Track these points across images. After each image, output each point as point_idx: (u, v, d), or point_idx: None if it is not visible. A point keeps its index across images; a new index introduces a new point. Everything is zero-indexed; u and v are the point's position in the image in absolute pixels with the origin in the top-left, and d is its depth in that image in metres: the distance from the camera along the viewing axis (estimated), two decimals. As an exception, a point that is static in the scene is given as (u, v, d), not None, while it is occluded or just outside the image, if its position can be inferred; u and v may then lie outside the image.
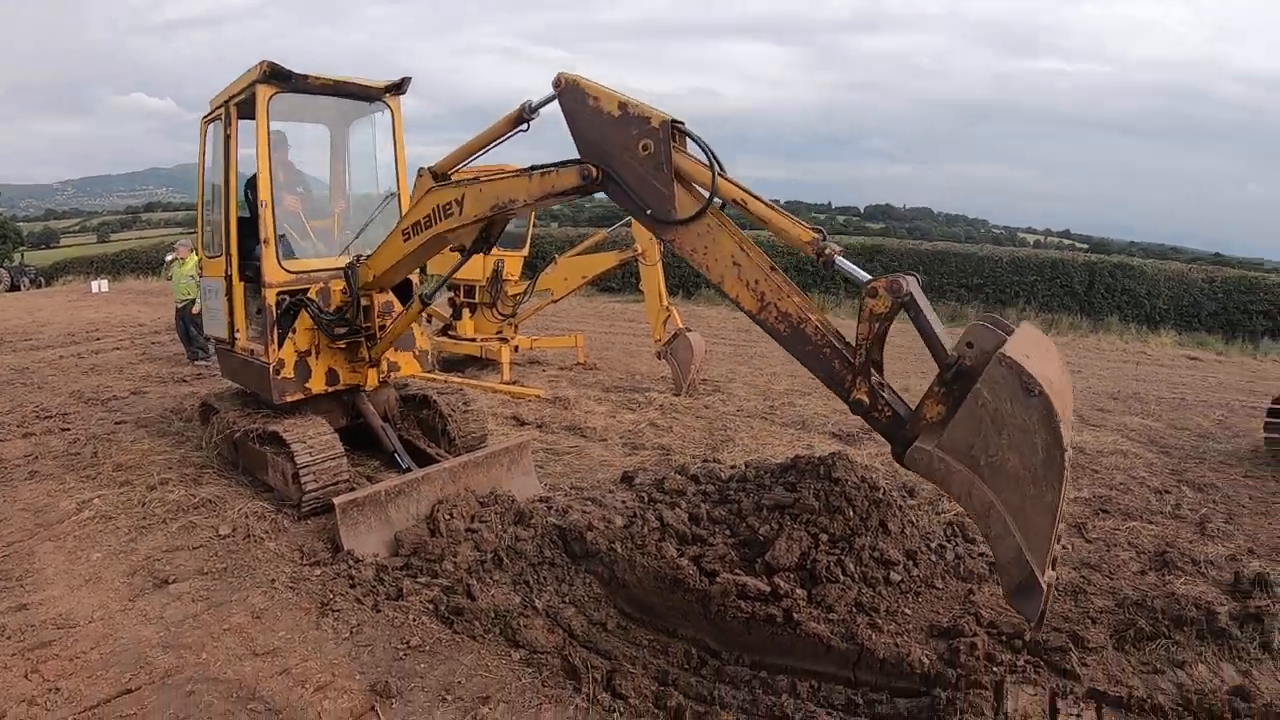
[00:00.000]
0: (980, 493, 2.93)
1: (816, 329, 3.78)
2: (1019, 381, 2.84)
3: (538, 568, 5.54)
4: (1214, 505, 8.43)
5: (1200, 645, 5.17)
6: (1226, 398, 14.55)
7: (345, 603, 5.10)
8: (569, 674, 4.41)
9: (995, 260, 25.15)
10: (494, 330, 12.99)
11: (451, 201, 5.22)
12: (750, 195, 3.97)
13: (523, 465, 7.04)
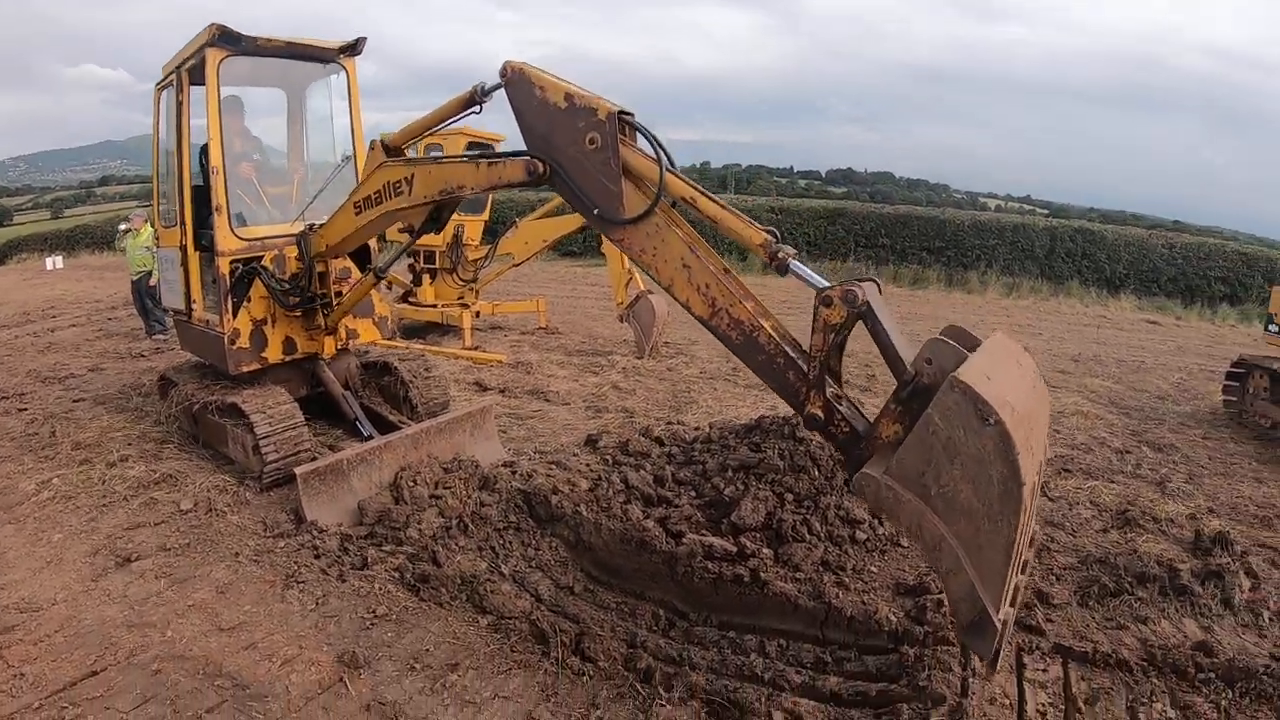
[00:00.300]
0: (931, 525, 2.70)
1: (770, 338, 3.57)
2: (974, 409, 2.60)
3: (503, 533, 5.51)
4: (1174, 465, 8.60)
5: (1163, 601, 5.28)
6: (1185, 361, 14.83)
7: (310, 574, 5.02)
8: (537, 638, 4.39)
9: (957, 224, 25.16)
10: (455, 296, 12.84)
11: (401, 180, 5.09)
12: (700, 193, 3.80)
13: (486, 430, 6.97)
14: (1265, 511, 7.33)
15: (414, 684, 3.98)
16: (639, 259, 3.94)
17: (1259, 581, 5.57)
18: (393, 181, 5.18)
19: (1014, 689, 4.17)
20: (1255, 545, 6.40)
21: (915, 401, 3.01)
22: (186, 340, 7.80)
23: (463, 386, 9.88)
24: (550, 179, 4.11)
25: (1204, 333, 19.08)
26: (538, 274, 23.06)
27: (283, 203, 7.65)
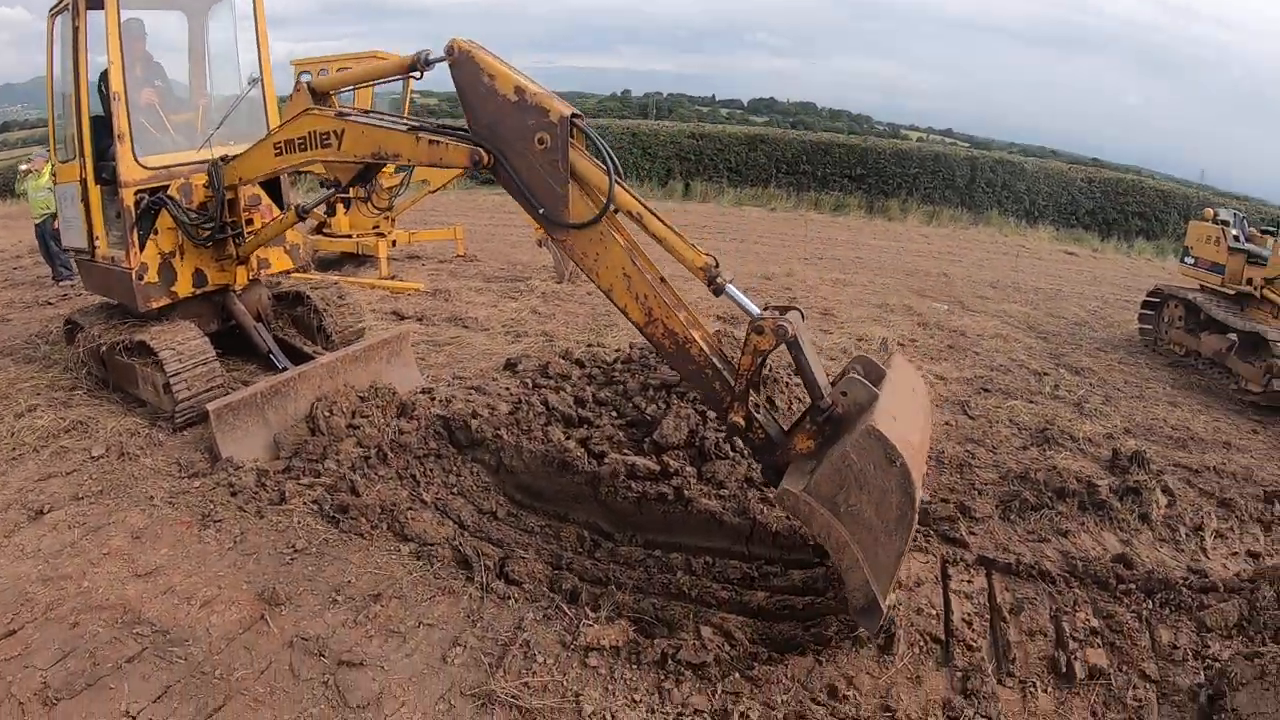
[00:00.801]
0: (838, 533, 3.20)
1: (701, 351, 3.77)
2: (883, 452, 3.09)
3: (423, 460, 5.34)
4: (1091, 388, 8.78)
5: (1082, 516, 5.38)
6: (1101, 291, 15.17)
7: (227, 512, 4.80)
8: (461, 564, 4.27)
9: (878, 152, 24.97)
10: (370, 225, 12.28)
11: (330, 133, 4.83)
12: (647, 210, 3.82)
13: (403, 357, 6.75)
14: (1180, 433, 7.56)
15: (337, 617, 3.84)
16: (580, 261, 3.95)
17: (1175, 499, 5.71)
18: (320, 131, 4.90)
19: (940, 600, 4.19)
20: (1171, 465, 6.58)
21: (829, 426, 3.53)
22: (91, 280, 7.31)
23: (380, 316, 9.56)
24: (495, 170, 4.03)
25: (1120, 265, 19.56)
26: (456, 203, 22.13)
27: (188, 130, 7.14)
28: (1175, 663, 3.93)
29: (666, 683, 3.35)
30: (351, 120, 4.75)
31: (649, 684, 3.37)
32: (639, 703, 3.26)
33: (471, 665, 3.53)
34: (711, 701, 3.24)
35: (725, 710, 3.17)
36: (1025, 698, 3.54)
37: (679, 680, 3.35)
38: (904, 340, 9.80)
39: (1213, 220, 10.58)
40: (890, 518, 3.17)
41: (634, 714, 3.21)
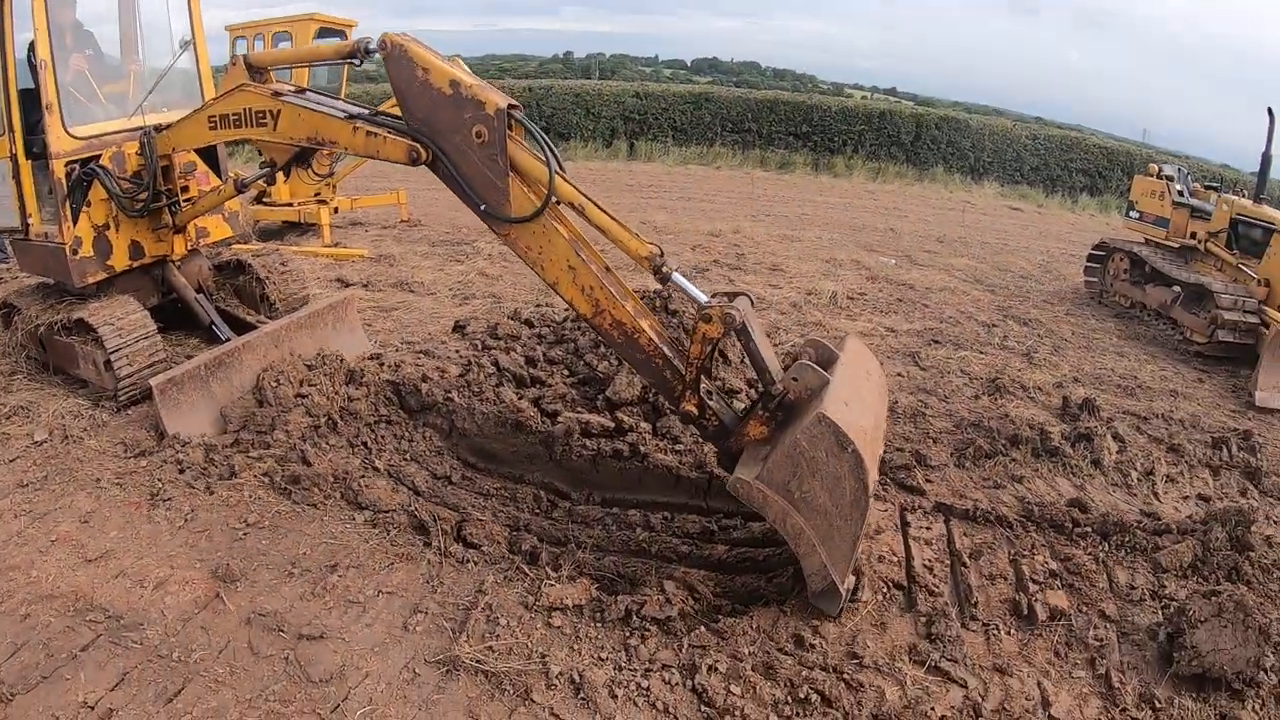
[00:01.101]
0: (794, 520, 3.22)
1: (650, 340, 3.75)
2: (835, 439, 3.12)
3: (374, 427, 5.19)
4: (1039, 338, 8.87)
5: (1036, 462, 5.42)
6: (1047, 245, 15.38)
7: (176, 490, 4.53)
8: (418, 530, 4.16)
9: (824, 109, 24.77)
10: (311, 193, 11.88)
11: (266, 112, 4.64)
12: (589, 200, 3.75)
13: (349, 322, 6.54)
14: (1128, 382, 7.69)
15: (294, 590, 3.70)
16: (524, 256, 3.86)
17: (1125, 445, 5.79)
18: (255, 110, 4.70)
19: (901, 547, 4.19)
20: (1120, 412, 6.68)
21: (781, 411, 3.54)
22: (26, 260, 6.96)
23: (324, 284, 9.24)
24: (434, 165, 3.92)
25: (1064, 220, 19.86)
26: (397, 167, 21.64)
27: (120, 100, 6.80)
28: (1133, 603, 3.98)
29: (632, 639, 3.29)
30: (288, 102, 4.56)
31: (615, 641, 3.31)
32: (605, 660, 3.20)
33: (434, 632, 3.42)
34: (678, 656, 3.19)
35: (693, 664, 3.12)
36: (989, 640, 3.56)
37: (644, 636, 3.30)
38: (853, 294, 9.82)
39: (1157, 176, 10.75)
40: (844, 503, 3.20)
41: (601, 672, 3.14)
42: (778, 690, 3.01)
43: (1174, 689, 3.44)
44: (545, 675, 3.11)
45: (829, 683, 3.05)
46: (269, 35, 11.01)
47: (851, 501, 3.18)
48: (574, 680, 3.09)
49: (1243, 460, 6.00)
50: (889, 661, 3.28)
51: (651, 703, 3.00)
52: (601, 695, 3.02)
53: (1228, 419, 7.06)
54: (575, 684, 3.07)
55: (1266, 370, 7.50)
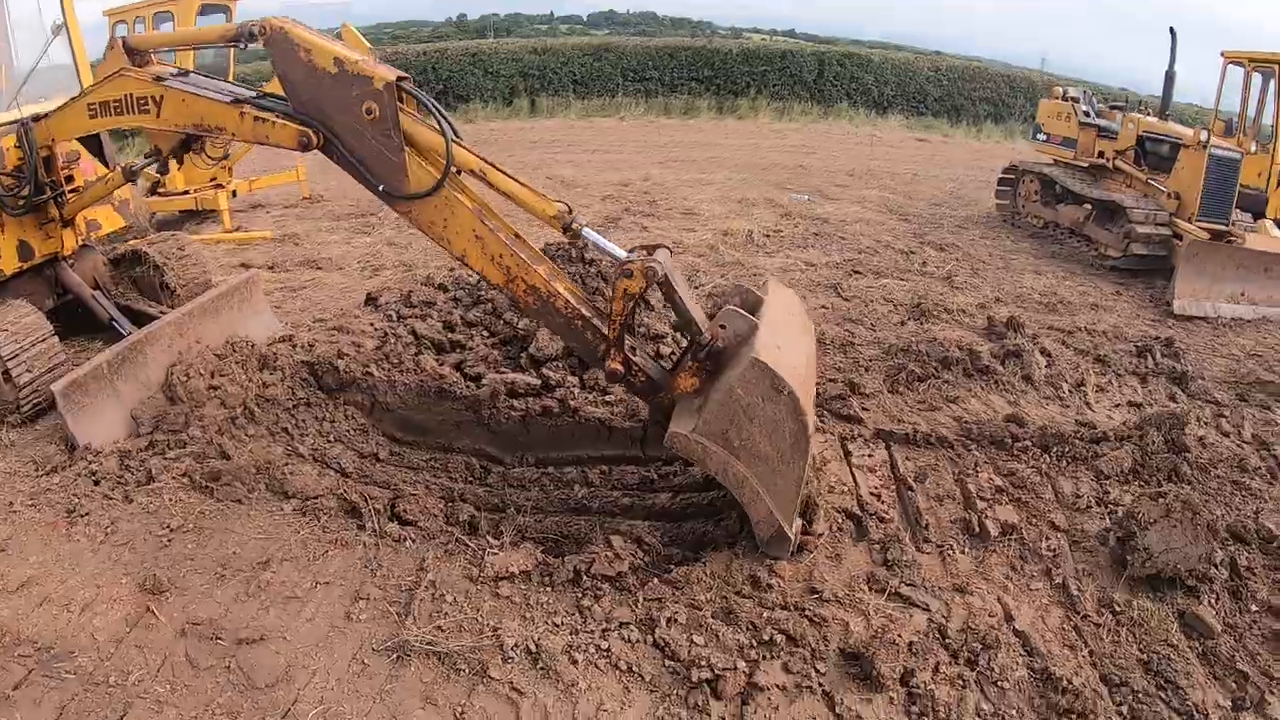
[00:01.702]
0: (735, 469, 3.16)
1: (566, 302, 3.66)
2: (770, 383, 3.07)
3: (293, 411, 4.91)
4: (958, 262, 8.94)
5: (968, 382, 5.42)
6: (955, 173, 15.57)
7: (93, 504, 4.23)
8: (349, 513, 3.91)
9: (725, 53, 24.62)
10: (207, 179, 11.38)
11: (148, 98, 4.36)
12: (490, 165, 3.63)
13: (255, 303, 6.19)
14: (1049, 299, 7.82)
15: (227, 593, 3.44)
16: (429, 231, 3.75)
17: (1053, 359, 5.86)
18: (136, 96, 4.40)
19: (847, 476, 4.13)
20: (1044, 329, 6.77)
21: (711, 361, 3.47)
22: None
23: (229, 270, 8.76)
24: (327, 150, 3.76)
25: (970, 149, 20.18)
26: None
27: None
28: (1080, 511, 4.02)
29: (585, 600, 3.14)
30: (171, 87, 4.26)
31: (567, 605, 3.15)
32: (561, 626, 3.03)
33: (379, 618, 3.22)
34: (635, 612, 3.05)
35: (651, 618, 2.99)
36: (944, 561, 3.53)
37: (597, 596, 3.14)
38: (769, 232, 9.76)
39: (1062, 98, 10.93)
40: (785, 446, 3.15)
41: (558, 638, 2.98)
42: (741, 635, 2.90)
43: (1130, 591, 3.48)
44: (500, 649, 2.94)
45: (792, 621, 2.97)
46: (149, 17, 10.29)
47: (792, 444, 3.14)
48: (530, 650, 2.92)
49: (1167, 366, 6.16)
50: (849, 593, 3.21)
51: (614, 664, 2.86)
52: (561, 663, 2.86)
53: (1149, 328, 7.26)
54: (532, 654, 2.91)
55: (1183, 279, 7.73)
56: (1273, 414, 5.67)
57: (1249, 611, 3.42)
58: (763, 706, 2.65)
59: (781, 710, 2.65)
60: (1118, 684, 2.95)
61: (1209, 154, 8.44)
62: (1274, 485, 4.56)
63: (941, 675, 2.85)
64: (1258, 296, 7.89)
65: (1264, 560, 3.73)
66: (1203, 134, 8.55)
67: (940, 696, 2.74)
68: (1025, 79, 25.39)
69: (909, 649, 2.93)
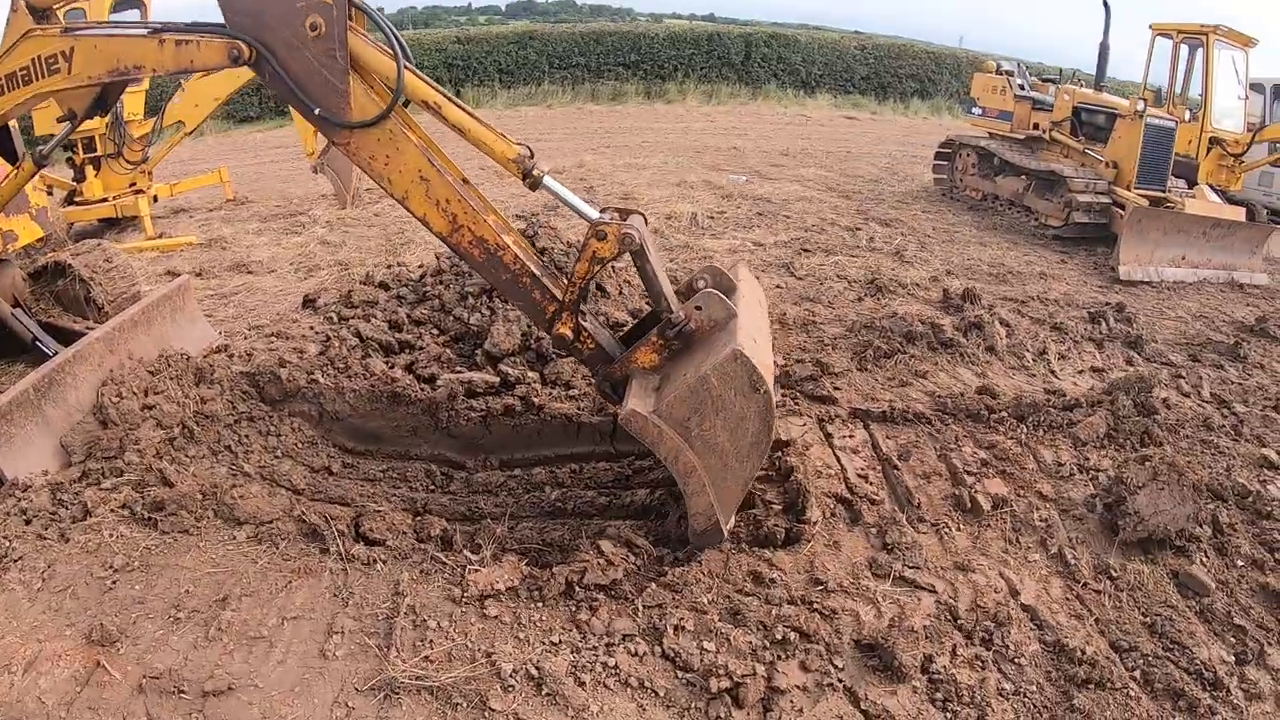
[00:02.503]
0: (687, 458, 3.06)
1: (515, 258, 3.42)
2: (748, 378, 2.97)
3: (235, 427, 4.60)
4: (904, 237, 9.03)
5: (934, 356, 5.42)
6: (887, 149, 15.88)
7: (25, 545, 3.78)
8: (309, 536, 3.60)
9: (651, 37, 24.87)
10: (126, 184, 10.93)
11: (57, 55, 3.99)
12: (446, 99, 3.36)
13: (187, 311, 5.83)
14: (997, 269, 7.96)
15: (184, 639, 3.06)
16: (368, 167, 3.43)
17: (1012, 329, 5.92)
18: (45, 56, 4.03)
19: (832, 459, 4.05)
20: (999, 299, 6.85)
21: (679, 340, 3.29)
22: None
23: (155, 280, 8.33)
24: (257, 66, 3.39)
25: (899, 125, 20.66)
26: (215, 146, 19.43)
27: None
28: (1064, 479, 4.03)
29: (581, 614, 2.94)
30: (81, 36, 3.91)
31: (563, 620, 2.94)
32: (559, 644, 2.83)
33: (357, 653, 2.94)
34: (636, 621, 2.87)
35: (656, 627, 2.82)
36: (942, 539, 3.48)
37: (593, 608, 2.95)
38: (713, 213, 9.74)
39: (997, 72, 11.20)
40: (744, 444, 3.08)
41: (559, 659, 2.77)
42: (752, 636, 2.77)
43: (1124, 556, 3.49)
44: (498, 676, 2.71)
45: (802, 616, 2.85)
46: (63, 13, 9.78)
47: (752, 443, 3.08)
48: (532, 675, 2.70)
49: (1121, 331, 6.30)
50: (853, 581, 3.12)
51: (624, 681, 2.67)
52: (568, 686, 2.65)
53: (1098, 294, 7.43)
54: (534, 679, 2.69)
55: (1127, 245, 7.95)
56: (1225, 372, 5.85)
57: (1235, 567, 3.48)
58: (787, 710, 2.52)
59: (806, 712, 2.53)
60: (1127, 649, 2.94)
61: (1145, 123, 8.73)
62: (1239, 442, 4.68)
63: (960, 658, 2.78)
64: (1197, 260, 8.19)
65: (1242, 516, 3.82)
66: (1139, 104, 8.84)
67: (962, 680, 2.67)
68: (950, 55, 26.20)
69: (924, 634, 2.85)
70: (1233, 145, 9.61)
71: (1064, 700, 2.69)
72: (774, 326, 5.87)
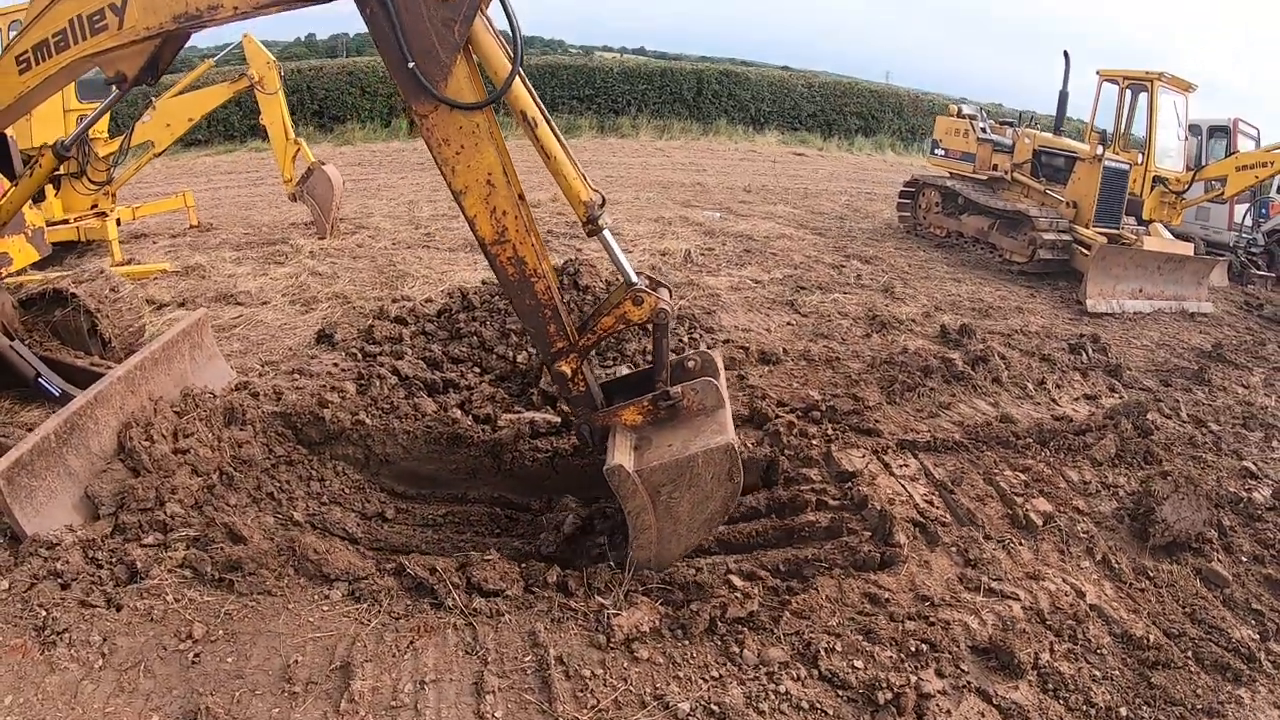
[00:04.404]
0: (647, 517, 3.46)
1: (547, 288, 3.56)
2: (728, 468, 3.38)
3: (274, 472, 4.52)
4: (886, 274, 9.81)
5: (950, 387, 6.02)
6: (842, 185, 16.91)
7: (68, 615, 3.35)
8: (415, 590, 3.55)
9: (606, 71, 25.93)
10: (88, 205, 10.51)
11: (105, 9, 3.72)
12: (544, 119, 3.41)
13: (205, 348, 5.59)
14: (978, 304, 8.74)
15: (310, 715, 2.86)
16: (438, 150, 3.35)
17: (1008, 361, 6.59)
18: (88, 14, 3.78)
19: (899, 486, 4.53)
20: (987, 333, 7.57)
21: (666, 411, 3.61)
22: None
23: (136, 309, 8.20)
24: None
25: (846, 162, 21.92)
26: (163, 170, 18.65)
27: None
28: (1092, 495, 4.61)
29: (732, 647, 3.18)
30: None
31: (714, 654, 3.16)
32: (724, 678, 3.05)
33: (518, 712, 2.89)
34: (786, 649, 3.18)
35: (808, 652, 3.14)
36: (1010, 553, 3.98)
37: (740, 641, 3.20)
38: (703, 250, 10.29)
39: (958, 115, 12.23)
40: (699, 520, 3.50)
41: (737, 692, 2.99)
42: (889, 651, 3.15)
43: (1154, 558, 4.09)
44: (676, 718, 2.87)
45: (925, 630, 3.27)
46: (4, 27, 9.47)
47: (705, 521, 3.51)
48: (712, 711, 2.89)
49: (1100, 360, 7.08)
50: (953, 595, 3.57)
51: (797, 706, 2.92)
52: (750, 718, 2.88)
53: (1070, 326, 8.27)
54: (716, 715, 2.88)
55: (1093, 280, 8.89)
56: (1195, 395, 6.65)
57: (1241, 563, 4.13)
58: (937, 714, 2.91)
59: (953, 713, 2.93)
60: (1177, 635, 3.53)
61: (1104, 166, 9.75)
62: (1221, 457, 5.40)
63: (1057, 653, 3.27)
64: (1152, 292, 9.21)
65: (1237, 520, 4.48)
66: (1098, 148, 9.87)
67: (1065, 671, 3.15)
68: (893, 95, 27.99)
69: (1027, 635, 3.33)
70: (1174, 183, 10.78)
71: (1143, 680, 3.22)
72: (801, 364, 6.40)
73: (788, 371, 6.28)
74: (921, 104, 28.27)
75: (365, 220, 12.04)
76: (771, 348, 6.67)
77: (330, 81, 23.36)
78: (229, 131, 21.70)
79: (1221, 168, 11.07)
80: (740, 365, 6.23)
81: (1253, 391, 7.01)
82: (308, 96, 22.70)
